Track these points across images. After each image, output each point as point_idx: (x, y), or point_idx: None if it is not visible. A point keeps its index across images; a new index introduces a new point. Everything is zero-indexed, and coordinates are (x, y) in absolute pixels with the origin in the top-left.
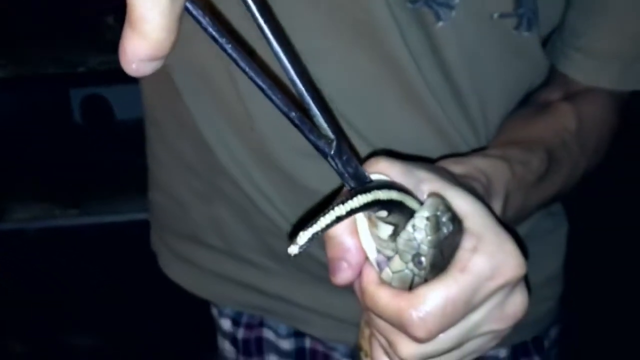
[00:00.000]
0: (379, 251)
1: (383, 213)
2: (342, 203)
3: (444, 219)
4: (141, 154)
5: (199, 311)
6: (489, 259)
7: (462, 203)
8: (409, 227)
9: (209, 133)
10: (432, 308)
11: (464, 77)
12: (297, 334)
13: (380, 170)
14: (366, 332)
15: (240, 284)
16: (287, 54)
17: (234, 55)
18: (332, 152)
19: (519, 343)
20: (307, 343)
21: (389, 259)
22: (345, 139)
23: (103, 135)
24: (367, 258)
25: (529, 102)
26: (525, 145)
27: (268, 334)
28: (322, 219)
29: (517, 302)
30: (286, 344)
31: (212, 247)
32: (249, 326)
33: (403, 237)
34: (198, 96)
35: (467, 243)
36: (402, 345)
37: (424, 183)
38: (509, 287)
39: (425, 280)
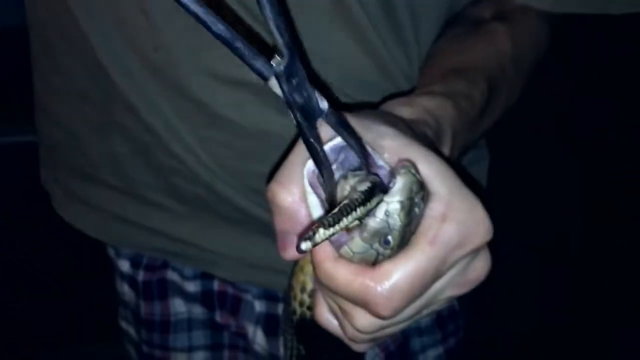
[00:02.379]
0: None
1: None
2: (363, 203)
3: (416, 200)
4: (25, 67)
5: (94, 250)
6: (459, 227)
7: (428, 165)
8: (380, 214)
9: (104, 53)
10: (399, 285)
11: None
12: (205, 276)
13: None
14: (305, 281)
15: (141, 227)
16: None
17: None
18: (281, 69)
19: None
20: (215, 285)
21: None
22: (301, 58)
23: None
24: None
25: (459, 20)
26: (465, 75)
27: (172, 275)
28: (344, 219)
29: (480, 267)
30: (192, 287)
31: (110, 186)
32: (150, 268)
33: (373, 224)
34: (90, 6)
35: (434, 210)
36: (359, 317)
37: (384, 139)
38: (475, 252)
39: (390, 256)
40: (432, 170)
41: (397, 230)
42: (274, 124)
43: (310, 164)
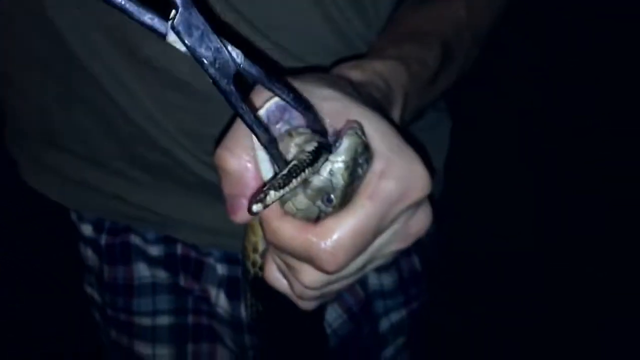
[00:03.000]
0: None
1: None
2: (310, 164)
3: (360, 160)
4: None
5: (54, 215)
6: (397, 182)
7: (368, 124)
8: (324, 172)
9: (61, 20)
10: (342, 241)
11: None
12: (168, 240)
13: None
14: (256, 242)
15: (103, 193)
16: None
17: None
18: (177, 22)
19: None
20: (179, 249)
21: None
22: (202, 10)
23: None
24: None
25: None
26: (419, 39)
27: (135, 239)
28: (293, 180)
29: (421, 220)
30: (155, 250)
31: (73, 153)
32: (112, 231)
33: (317, 183)
34: None
35: (374, 167)
36: (305, 273)
37: (326, 101)
38: (415, 206)
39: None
40: (372, 129)
41: (339, 189)
42: None
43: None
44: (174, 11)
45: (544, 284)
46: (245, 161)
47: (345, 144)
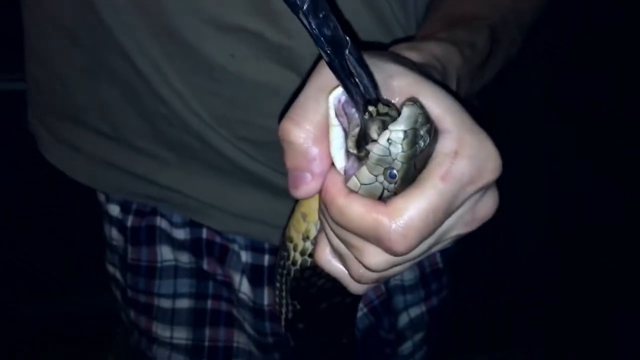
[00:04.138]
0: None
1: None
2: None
3: (421, 132)
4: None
5: (83, 195)
6: (471, 162)
7: (438, 103)
8: (382, 141)
9: None
10: (414, 221)
11: None
12: (193, 224)
13: None
14: (308, 229)
15: (129, 173)
16: None
17: None
18: (305, 7)
19: None
20: (204, 233)
21: (358, 161)
22: None
23: None
24: (332, 165)
25: None
26: (468, 23)
27: (161, 222)
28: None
29: (488, 204)
30: (181, 234)
31: (98, 131)
32: (139, 213)
33: (376, 151)
34: None
35: (446, 147)
36: (370, 254)
37: (394, 78)
38: (484, 189)
39: (395, 194)
40: (442, 107)
41: (400, 160)
42: (265, 74)
43: (336, 93)
44: None
45: (558, 276)
46: (313, 134)
47: (405, 114)
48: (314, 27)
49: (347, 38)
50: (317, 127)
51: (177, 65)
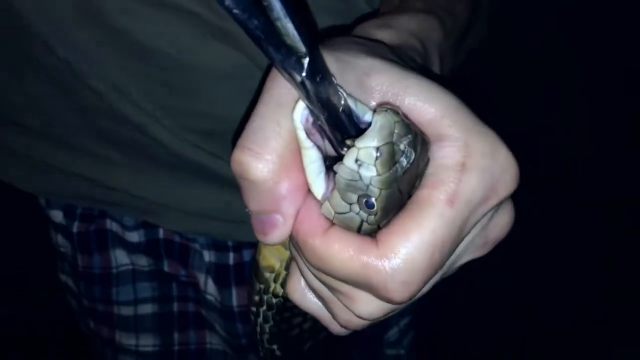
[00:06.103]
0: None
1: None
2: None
3: (401, 147)
4: None
5: (25, 199)
6: (483, 176)
7: (432, 101)
8: (348, 162)
9: None
10: (415, 263)
11: None
12: (147, 225)
13: None
14: (275, 266)
15: (71, 175)
16: None
17: None
18: (305, 74)
19: None
20: (161, 234)
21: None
22: (319, 50)
23: None
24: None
25: None
26: None
27: (112, 225)
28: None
29: (504, 222)
30: (135, 237)
31: (33, 131)
32: (86, 217)
33: (342, 174)
34: None
35: (449, 158)
36: (362, 302)
37: (371, 76)
38: (498, 205)
39: (379, 227)
40: (438, 107)
41: (376, 186)
42: (208, 54)
43: (301, 109)
44: (303, 49)
45: (553, 269)
46: (277, 165)
47: (376, 124)
48: (310, 93)
49: (342, 94)
50: (282, 156)
51: (107, 51)
